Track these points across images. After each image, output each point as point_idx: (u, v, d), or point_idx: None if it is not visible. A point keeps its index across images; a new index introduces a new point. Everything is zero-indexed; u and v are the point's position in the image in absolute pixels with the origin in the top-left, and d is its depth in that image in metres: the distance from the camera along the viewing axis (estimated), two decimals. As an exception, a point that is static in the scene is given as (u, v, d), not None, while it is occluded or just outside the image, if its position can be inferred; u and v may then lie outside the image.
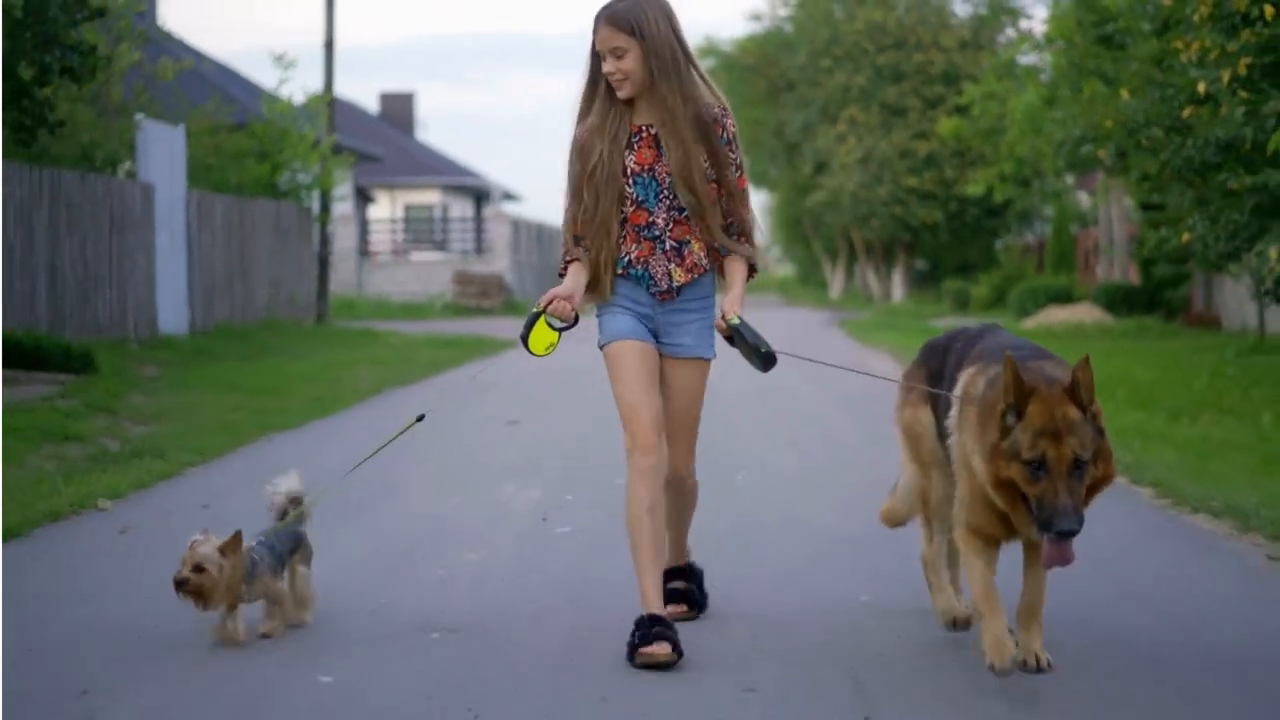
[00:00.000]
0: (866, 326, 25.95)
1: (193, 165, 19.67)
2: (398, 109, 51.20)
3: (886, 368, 14.83)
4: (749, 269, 4.65)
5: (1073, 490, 3.82)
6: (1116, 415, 10.12)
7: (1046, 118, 22.51)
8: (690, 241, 4.55)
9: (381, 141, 40.90)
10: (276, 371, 14.47)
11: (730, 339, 4.53)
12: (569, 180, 4.59)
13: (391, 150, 41.52)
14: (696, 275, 4.58)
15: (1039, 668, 4.27)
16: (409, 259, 38.70)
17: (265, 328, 20.19)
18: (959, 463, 4.20)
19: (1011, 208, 37.71)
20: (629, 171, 4.52)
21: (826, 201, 40.01)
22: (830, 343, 21.10)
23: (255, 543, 4.64)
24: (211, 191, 20.00)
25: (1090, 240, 31.83)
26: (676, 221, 4.54)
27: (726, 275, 4.63)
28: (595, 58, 4.52)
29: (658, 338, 4.61)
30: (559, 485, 7.75)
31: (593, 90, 4.56)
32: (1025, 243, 40.48)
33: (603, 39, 4.45)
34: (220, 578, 4.46)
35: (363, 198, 39.77)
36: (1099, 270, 29.33)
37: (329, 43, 24.37)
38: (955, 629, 4.57)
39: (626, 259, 4.55)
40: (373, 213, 42.06)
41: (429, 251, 40.00)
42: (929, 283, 43.85)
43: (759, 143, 42.10)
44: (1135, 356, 15.84)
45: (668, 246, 4.54)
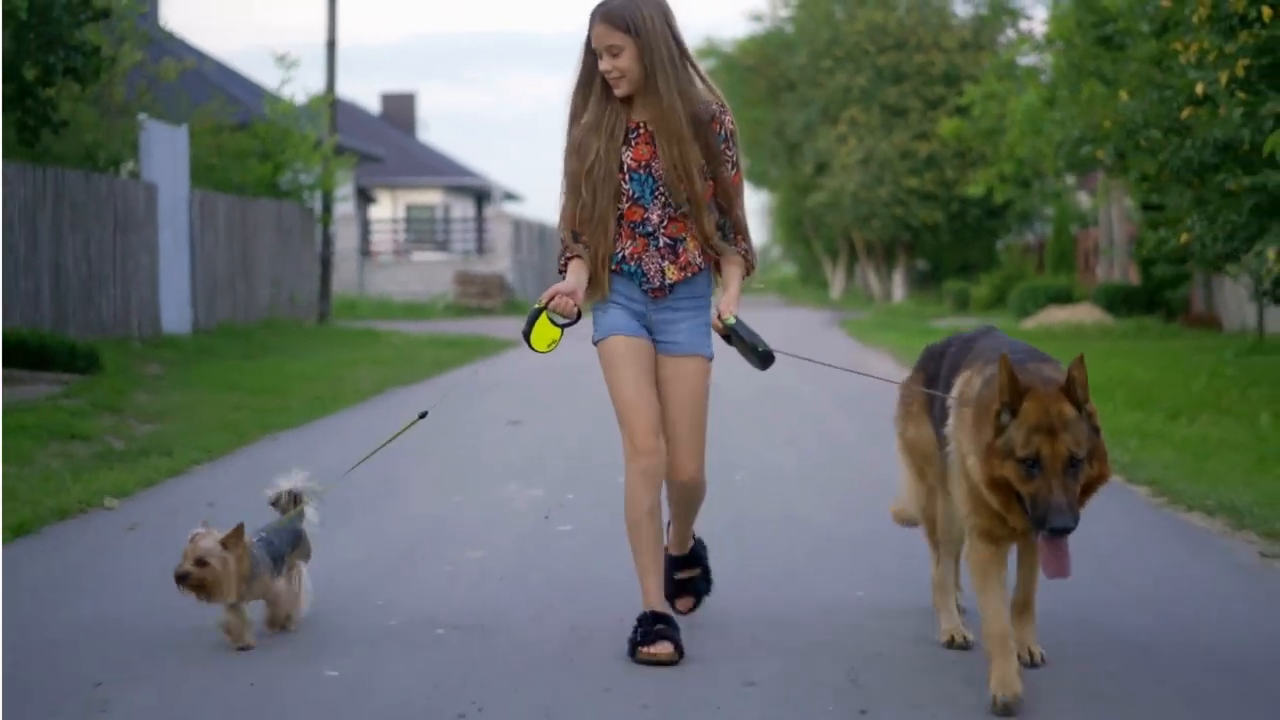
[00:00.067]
0: (867, 326, 25.99)
1: (195, 165, 19.71)
2: (399, 109, 51.26)
3: (887, 368, 14.85)
4: (745, 268, 4.60)
5: (1067, 488, 3.78)
6: (1115, 415, 10.17)
7: (1046, 118, 22.54)
8: (685, 239, 4.51)
9: (383, 142, 40.93)
10: (278, 371, 14.51)
11: (728, 338, 4.50)
12: (566, 177, 4.54)
13: (393, 150, 41.55)
14: (690, 274, 4.53)
15: (1033, 662, 4.34)
16: (410, 259, 38.73)
17: (267, 327, 20.21)
18: (957, 466, 4.18)
19: (1012, 208, 37.73)
20: (625, 168, 4.49)
21: (827, 202, 40.02)
22: (831, 343, 21.13)
23: (255, 540, 4.62)
24: (214, 191, 20.04)
25: (1090, 240, 31.83)
26: (671, 219, 4.49)
27: (723, 275, 4.57)
28: (590, 54, 4.49)
29: (652, 335, 4.57)
30: (561, 484, 7.80)
31: (587, 87, 4.53)
32: (1025, 243, 40.48)
33: (598, 36, 4.42)
34: (223, 571, 4.43)
35: (364, 198, 39.80)
36: (1099, 270, 29.33)
37: (331, 43, 24.33)
38: (953, 648, 4.56)
39: (620, 255, 4.52)
40: (374, 213, 42.10)
41: (430, 251, 40.05)
42: (930, 283, 43.87)
43: (760, 143, 42.12)
44: (1135, 357, 15.87)
45: (661, 244, 4.51)
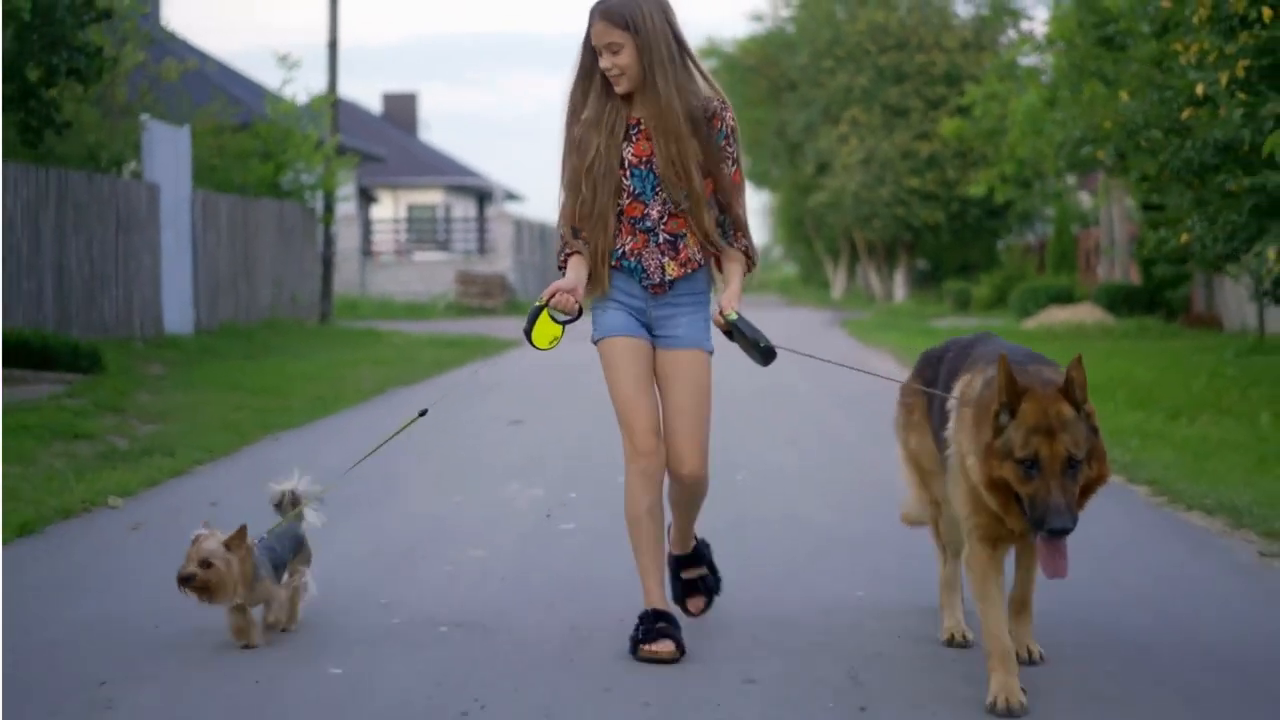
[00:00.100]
0: (868, 326, 26.01)
1: (197, 165, 19.74)
2: (400, 109, 51.32)
3: (888, 368, 14.87)
4: (746, 264, 4.59)
5: (1065, 488, 3.78)
6: (1115, 415, 10.20)
7: (1047, 119, 22.56)
8: (685, 235, 4.50)
9: (384, 142, 40.98)
10: (280, 371, 14.53)
11: (729, 334, 4.49)
12: (565, 174, 4.53)
13: (394, 150, 41.59)
14: (690, 270, 4.52)
15: (1031, 660, 4.36)
16: (412, 259, 38.77)
17: (269, 327, 20.24)
18: (957, 468, 4.16)
19: (1013, 208, 37.76)
20: (626, 164, 4.47)
21: (828, 202, 40.05)
22: (832, 342, 21.15)
23: (258, 543, 4.61)
24: (216, 192, 20.07)
25: (1091, 240, 31.85)
26: (671, 215, 4.48)
27: (724, 271, 4.56)
28: (589, 51, 4.47)
29: (651, 331, 4.57)
30: (561, 483, 7.82)
31: (587, 83, 4.51)
32: (1026, 243, 40.51)
33: (598, 34, 4.41)
34: (226, 572, 4.44)
35: (366, 198, 39.83)
36: (1100, 270, 29.35)
37: (333, 43, 24.35)
38: (952, 646, 4.58)
39: (620, 251, 4.51)
40: (376, 213, 42.14)
41: (432, 251, 40.09)
42: (930, 283, 43.91)
43: (761, 143, 42.15)
44: (1135, 357, 15.89)
45: (661, 240, 4.50)
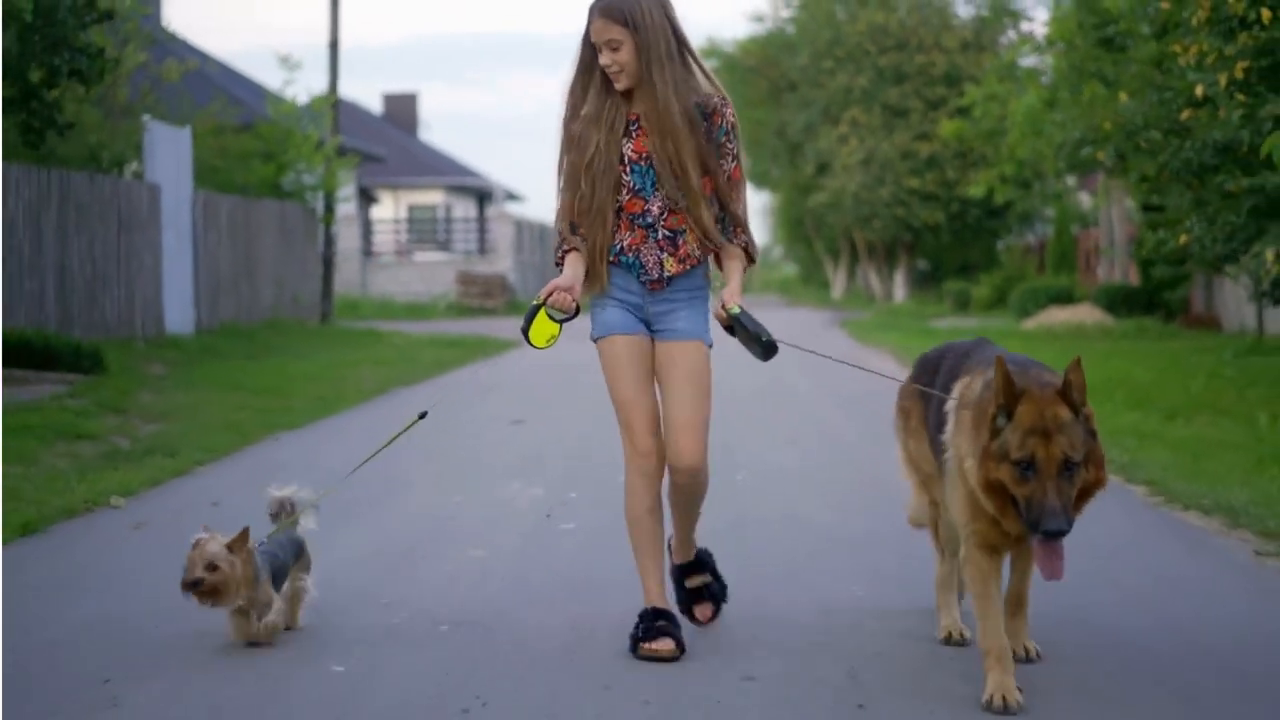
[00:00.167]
0: (868, 326, 26.04)
1: (199, 166, 19.77)
2: (401, 109, 51.32)
3: (887, 368, 14.91)
4: (746, 260, 4.57)
5: (1061, 490, 3.78)
6: (1114, 416, 10.23)
7: (1047, 120, 22.60)
8: (685, 232, 4.48)
9: (384, 142, 40.99)
10: (281, 371, 14.57)
11: (730, 329, 4.48)
12: (563, 169, 4.52)
13: (394, 150, 41.61)
14: (689, 266, 4.51)
15: (1028, 658, 4.40)
16: (412, 259, 38.79)
17: (270, 327, 20.27)
18: (955, 471, 4.15)
19: (1012, 209, 37.79)
20: (626, 159, 4.46)
21: (828, 202, 40.07)
22: (832, 342, 21.17)
23: (258, 548, 4.61)
24: (217, 192, 20.10)
25: (1091, 241, 31.87)
26: (671, 211, 4.47)
27: (724, 267, 4.55)
28: (589, 47, 4.47)
29: (650, 327, 4.55)
30: (562, 483, 7.85)
31: (586, 79, 4.50)
32: (1026, 243, 40.55)
33: (597, 30, 4.40)
34: (232, 574, 4.46)
35: (366, 198, 39.87)
36: (1100, 271, 29.38)
37: (333, 44, 24.36)
38: (950, 645, 4.61)
39: (619, 246, 4.50)
40: (376, 213, 42.16)
41: (432, 252, 40.12)
42: (930, 283, 43.95)
43: (761, 143, 42.17)
44: (1134, 357, 15.92)
45: (661, 235, 4.48)
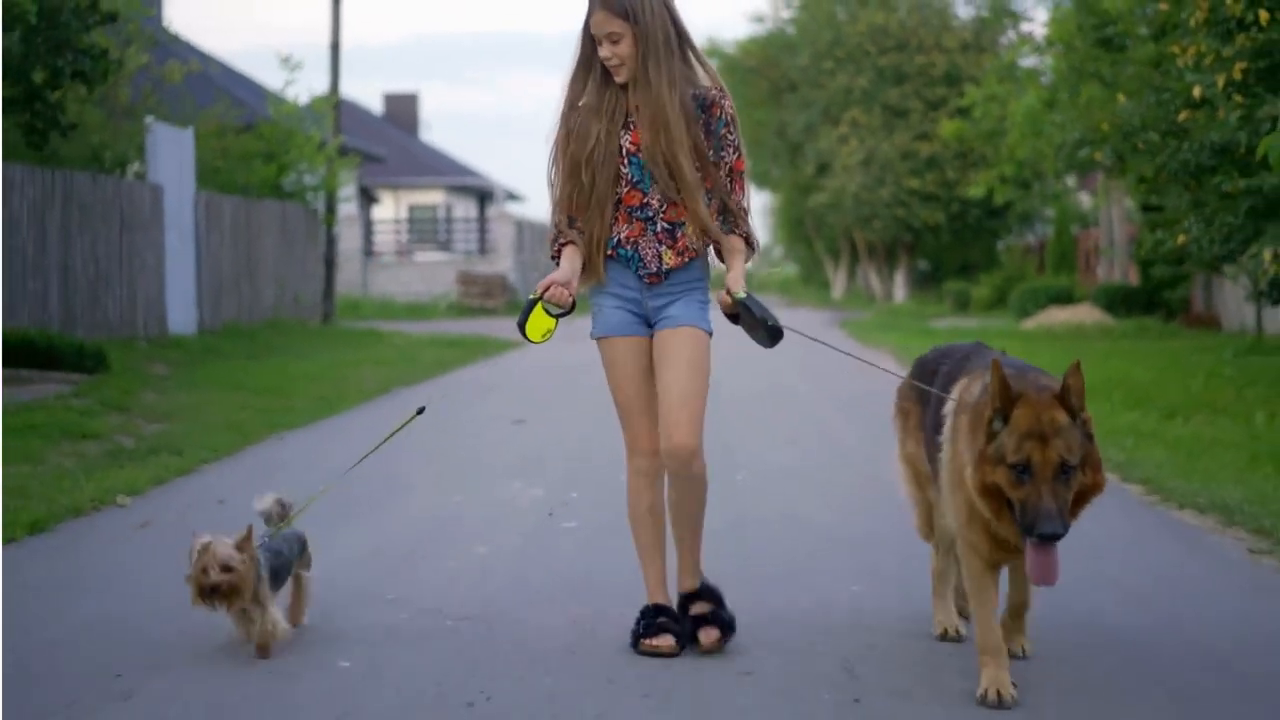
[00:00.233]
0: (868, 327, 26.10)
1: (201, 167, 19.83)
2: (401, 109, 51.37)
3: (888, 367, 14.93)
4: (747, 248, 4.54)
5: (1057, 494, 3.77)
6: (1112, 415, 10.29)
7: (1046, 120, 22.67)
8: (684, 224, 4.47)
9: (385, 142, 41.04)
10: (283, 371, 14.62)
11: (734, 318, 4.45)
12: (561, 161, 4.50)
13: (395, 151, 41.66)
14: (687, 259, 4.49)
15: (1023, 656, 4.46)
16: (413, 259, 38.83)
17: (271, 327, 20.32)
18: (954, 475, 4.14)
19: (1012, 209, 37.84)
20: (624, 152, 4.46)
21: (829, 202, 40.13)
22: (832, 342, 21.25)
23: (261, 547, 4.62)
24: (219, 193, 20.16)
25: (1091, 241, 31.92)
26: (671, 203, 4.45)
27: (725, 256, 4.52)
28: (589, 40, 4.47)
29: (649, 321, 4.54)
30: (563, 483, 7.91)
31: (585, 71, 4.50)
32: (1026, 244, 40.60)
33: (598, 23, 4.40)
34: (246, 574, 4.46)
35: (367, 198, 39.92)
36: (1099, 271, 29.43)
37: (335, 45, 24.41)
38: (945, 640, 4.66)
39: (616, 239, 4.49)
40: (377, 213, 42.21)
41: (433, 252, 40.17)
42: (930, 283, 44.00)
43: (761, 143, 42.22)
44: (1134, 357, 15.97)
45: (660, 228, 4.47)
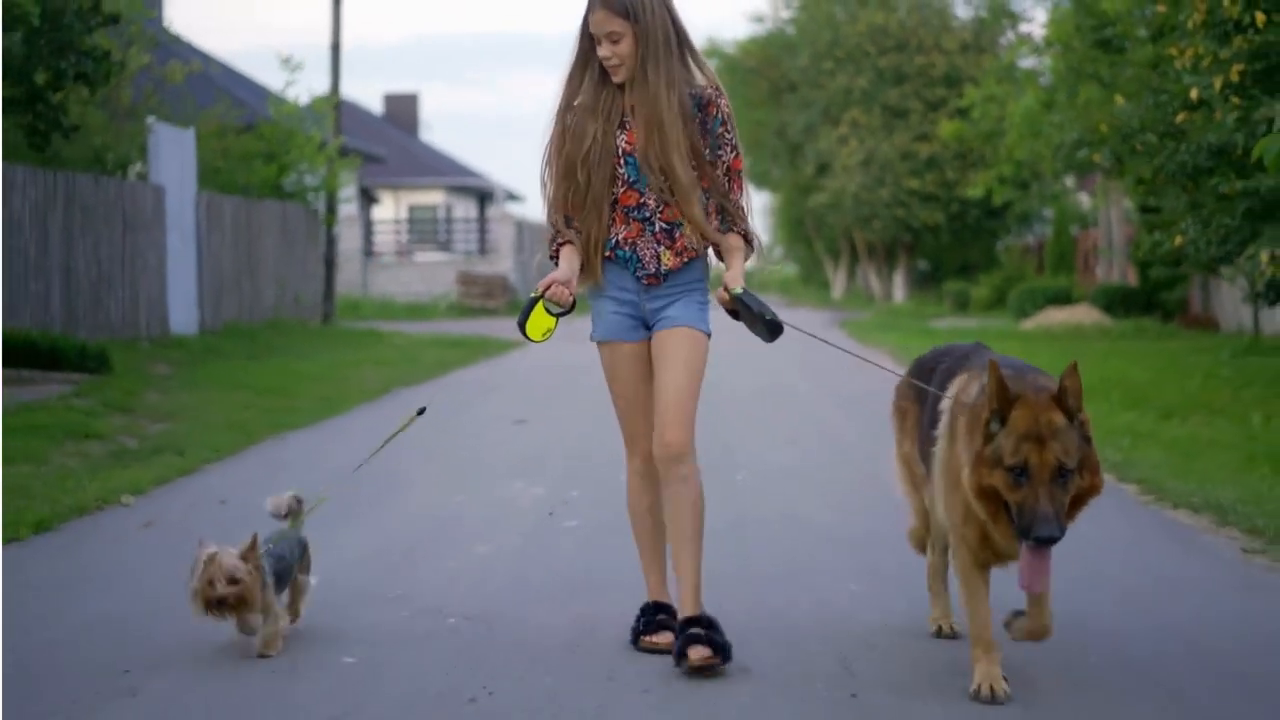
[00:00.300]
0: (868, 327, 26.14)
1: (202, 167, 19.85)
2: (402, 110, 51.38)
3: (887, 366, 14.95)
4: (747, 246, 4.53)
5: (1054, 497, 3.76)
6: (1110, 415, 10.33)
7: (1045, 121, 22.73)
8: (682, 224, 4.44)
9: (385, 142, 41.06)
10: (285, 371, 14.67)
11: (734, 314, 4.45)
12: (556, 161, 4.48)
13: (395, 151, 41.68)
14: (686, 259, 4.47)
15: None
16: (413, 259, 38.85)
17: (272, 327, 20.35)
18: (950, 476, 4.13)
19: (1011, 209, 37.88)
20: (621, 151, 4.43)
21: (828, 203, 40.16)
22: (831, 341, 21.29)
23: (264, 552, 4.61)
24: (220, 193, 20.20)
25: (1090, 242, 31.96)
26: (668, 203, 4.43)
27: (724, 254, 4.49)
28: (588, 39, 4.46)
29: (647, 324, 4.52)
30: (563, 482, 7.95)
31: (583, 70, 4.49)
32: (1025, 244, 40.64)
33: (597, 22, 4.38)
34: (253, 584, 4.46)
35: (367, 198, 39.95)
36: (1098, 272, 29.48)
37: (335, 46, 24.44)
38: (940, 638, 4.70)
39: (615, 240, 4.47)
40: (377, 213, 42.24)
41: (433, 252, 40.19)
42: (930, 283, 44.03)
43: (761, 144, 42.24)
44: (1132, 357, 16.02)
45: (658, 229, 4.45)
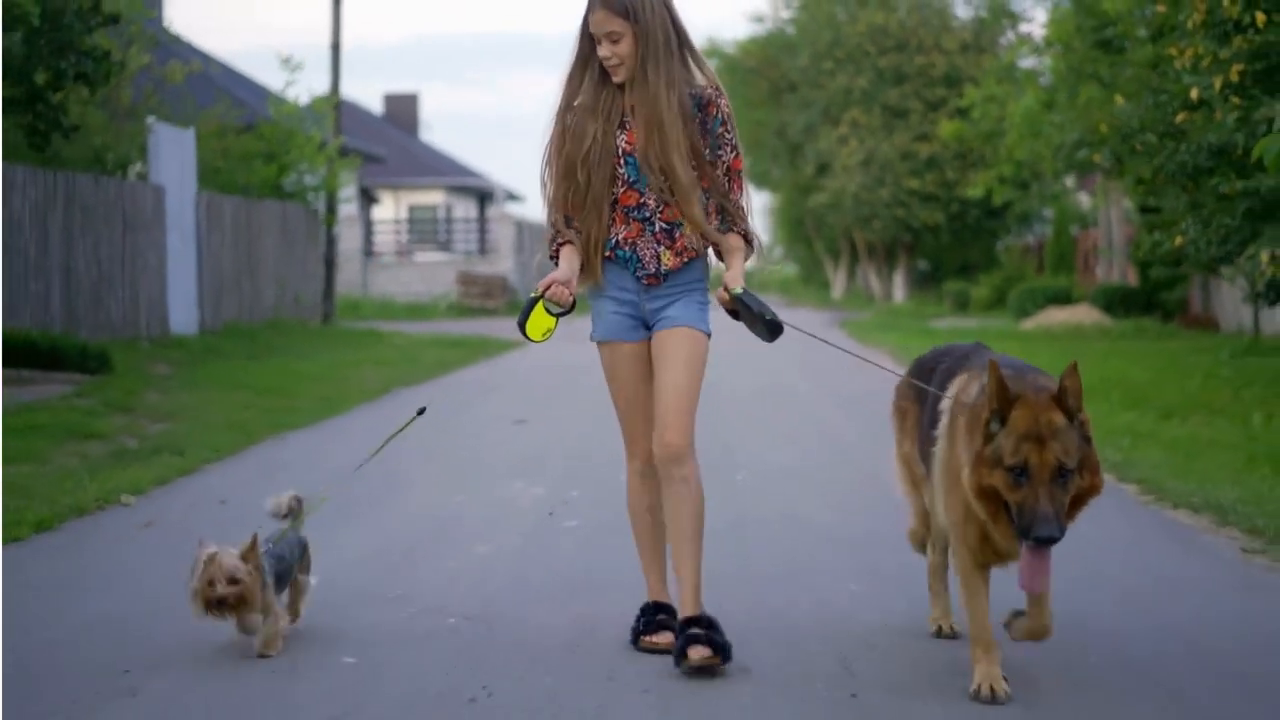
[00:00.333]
0: (868, 327, 26.15)
1: (202, 167, 19.86)
2: (402, 110, 51.40)
3: (886, 366, 14.96)
4: (747, 246, 4.52)
5: (1054, 497, 3.76)
6: (1110, 415, 10.34)
7: (1045, 121, 22.73)
8: (682, 224, 4.43)
9: (385, 142, 41.07)
10: (285, 371, 14.68)
11: (734, 314, 4.44)
12: (556, 160, 4.48)
13: (395, 151, 41.68)
14: (686, 259, 4.46)
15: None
16: (413, 259, 38.86)
17: (272, 327, 20.36)
18: (950, 476, 4.13)
19: (1011, 209, 37.89)
20: (620, 151, 4.43)
21: (829, 203, 40.17)
22: (831, 341, 21.29)
23: (265, 553, 4.61)
24: (220, 193, 20.21)
25: (1090, 242, 31.96)
26: (668, 204, 4.43)
27: (724, 254, 4.49)
28: (587, 38, 4.45)
29: (647, 324, 4.52)
30: (563, 482, 7.96)
31: (582, 70, 4.49)
32: (1025, 244, 40.65)
33: (597, 22, 4.38)
34: (253, 584, 4.46)
35: (367, 198, 39.95)
36: (1098, 272, 29.49)
37: (335, 46, 24.44)
38: (940, 638, 4.71)
39: (614, 240, 4.46)
40: (377, 213, 42.24)
41: (433, 252, 40.19)
42: (930, 283, 44.04)
43: (761, 144, 42.26)
44: (1132, 357, 16.03)
45: (658, 229, 4.44)
